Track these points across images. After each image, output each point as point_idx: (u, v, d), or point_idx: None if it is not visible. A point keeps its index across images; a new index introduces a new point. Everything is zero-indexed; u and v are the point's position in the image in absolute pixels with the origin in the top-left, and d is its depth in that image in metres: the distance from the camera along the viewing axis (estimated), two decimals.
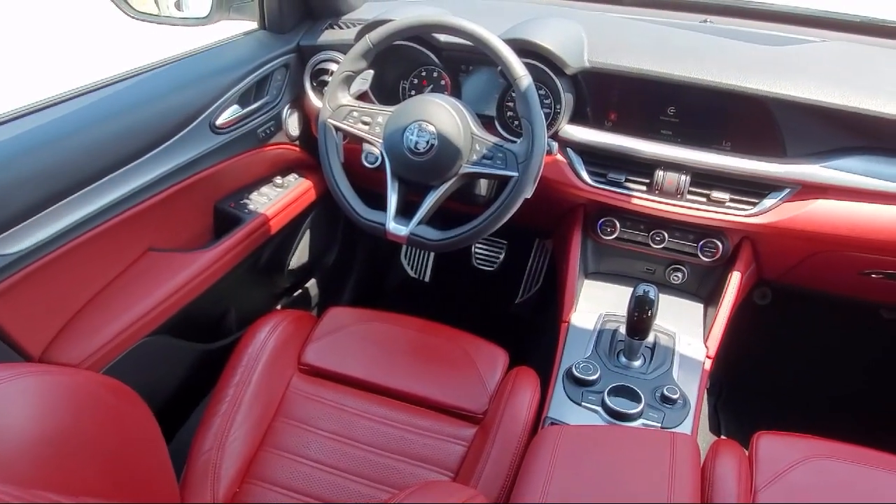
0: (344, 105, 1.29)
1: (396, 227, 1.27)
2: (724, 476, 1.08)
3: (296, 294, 1.86)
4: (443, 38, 1.40)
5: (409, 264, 2.33)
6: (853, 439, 1.18)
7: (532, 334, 1.99)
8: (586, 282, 1.54)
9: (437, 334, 1.38)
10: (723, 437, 1.77)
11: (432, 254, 2.31)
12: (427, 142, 1.21)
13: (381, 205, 1.31)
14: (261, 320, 1.35)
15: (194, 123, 1.31)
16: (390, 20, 1.24)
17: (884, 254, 1.31)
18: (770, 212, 1.31)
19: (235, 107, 1.40)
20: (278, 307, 1.80)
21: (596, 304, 1.46)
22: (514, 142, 1.22)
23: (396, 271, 2.34)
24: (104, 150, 1.16)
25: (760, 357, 2.05)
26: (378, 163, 1.37)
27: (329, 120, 1.28)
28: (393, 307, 1.51)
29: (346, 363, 1.31)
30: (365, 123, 1.28)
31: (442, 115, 1.22)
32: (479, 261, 2.22)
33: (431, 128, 1.21)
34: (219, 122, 1.36)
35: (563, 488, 0.91)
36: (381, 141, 1.27)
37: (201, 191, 1.40)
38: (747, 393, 1.96)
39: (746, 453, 1.15)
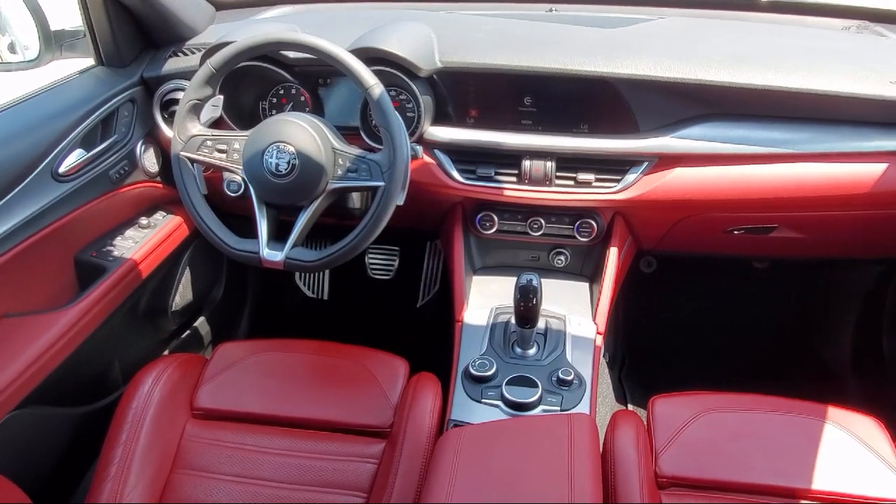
0: (196, 135, 1.23)
1: (271, 254, 1.23)
2: (625, 447, 1.11)
3: (184, 336, 1.77)
4: (292, 54, 1.36)
5: (305, 285, 2.28)
6: (745, 387, 1.26)
7: (435, 337, 1.99)
8: (475, 278, 1.55)
9: (333, 354, 1.35)
10: (629, 407, 1.84)
11: (327, 271, 2.28)
12: (288, 162, 1.18)
13: (255, 231, 1.26)
14: (143, 371, 1.27)
15: (33, 174, 1.22)
16: (231, 42, 1.20)
17: (740, 211, 1.40)
18: (633, 186, 1.36)
19: (79, 151, 1.31)
20: (166, 353, 1.71)
21: (487, 299, 1.47)
22: (379, 150, 1.21)
23: (293, 294, 2.28)
24: None
25: (655, 323, 2.15)
26: (241, 190, 1.32)
27: (181, 153, 1.23)
28: (295, 332, 1.47)
29: (243, 400, 1.26)
30: (221, 151, 1.23)
31: (299, 134, 1.19)
32: (374, 271, 2.20)
33: (290, 148, 1.18)
34: (62, 169, 1.27)
35: (466, 490, 0.91)
36: (240, 168, 1.22)
37: (55, 244, 1.30)
38: (648, 360, 2.04)
39: (645, 420, 1.20)
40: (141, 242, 1.47)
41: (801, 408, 1.18)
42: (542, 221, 1.46)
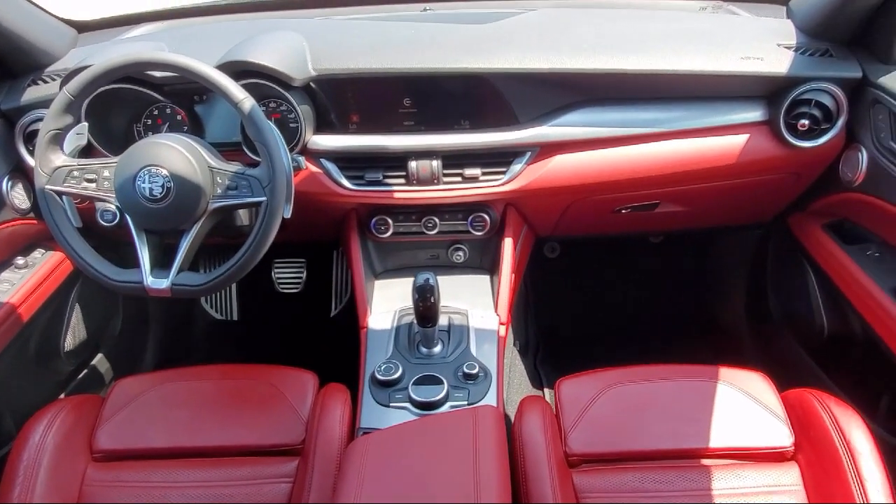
0: (61, 166, 1.17)
1: (156, 282, 1.18)
2: (532, 432, 1.14)
3: (82, 376, 1.68)
4: (158, 73, 1.31)
5: (212, 307, 2.21)
6: (655, 356, 1.31)
7: (349, 345, 1.98)
8: (377, 282, 1.54)
9: (239, 376, 1.32)
10: (545, 391, 1.88)
11: (234, 290, 2.22)
12: (162, 186, 1.14)
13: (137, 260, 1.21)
14: (33, 419, 1.20)
15: None
16: (88, 66, 1.14)
17: (622, 191, 1.45)
18: (519, 176, 1.39)
19: None
20: (62, 396, 1.62)
21: (390, 302, 1.47)
22: (257, 165, 1.19)
23: (200, 318, 2.21)
24: None
25: (565, 306, 2.20)
26: (117, 220, 1.26)
27: (47, 186, 1.16)
28: (205, 357, 1.42)
29: (146, 436, 1.21)
30: (90, 181, 1.17)
31: (171, 155, 1.15)
32: (282, 285, 2.16)
33: (163, 171, 1.14)
34: None
35: (374, 495, 0.91)
36: (113, 196, 1.17)
37: None
38: (561, 343, 2.09)
39: (553, 403, 1.23)
40: (18, 284, 1.39)
41: (696, 372, 1.25)
42: (437, 220, 1.47)
